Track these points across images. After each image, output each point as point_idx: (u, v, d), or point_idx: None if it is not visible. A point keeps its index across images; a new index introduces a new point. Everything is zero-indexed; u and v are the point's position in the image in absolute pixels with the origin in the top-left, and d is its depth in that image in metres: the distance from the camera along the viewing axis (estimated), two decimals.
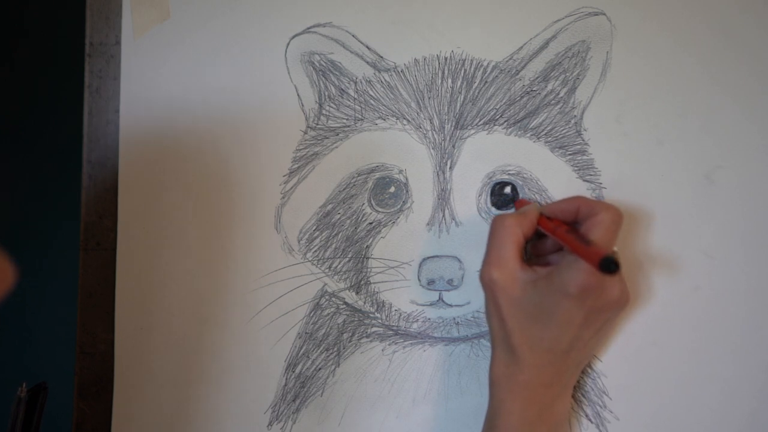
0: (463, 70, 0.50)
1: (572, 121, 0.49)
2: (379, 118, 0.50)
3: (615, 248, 0.44)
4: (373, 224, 0.50)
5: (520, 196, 0.49)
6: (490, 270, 0.43)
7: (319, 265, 0.51)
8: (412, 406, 0.50)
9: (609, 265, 0.37)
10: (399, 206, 0.50)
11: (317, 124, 0.51)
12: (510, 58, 0.50)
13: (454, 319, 0.49)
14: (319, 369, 0.50)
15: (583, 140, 0.49)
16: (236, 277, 0.51)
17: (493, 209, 0.49)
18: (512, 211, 0.48)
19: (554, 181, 0.49)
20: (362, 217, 0.50)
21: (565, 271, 0.41)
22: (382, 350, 0.50)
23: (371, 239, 0.50)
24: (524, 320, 0.42)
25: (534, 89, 0.49)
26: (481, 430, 0.45)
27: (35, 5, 0.95)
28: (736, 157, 0.48)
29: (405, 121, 0.50)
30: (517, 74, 0.50)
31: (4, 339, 0.96)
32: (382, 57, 0.51)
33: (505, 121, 0.49)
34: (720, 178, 0.48)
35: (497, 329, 0.43)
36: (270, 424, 0.50)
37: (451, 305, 0.49)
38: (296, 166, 0.51)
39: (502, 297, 0.42)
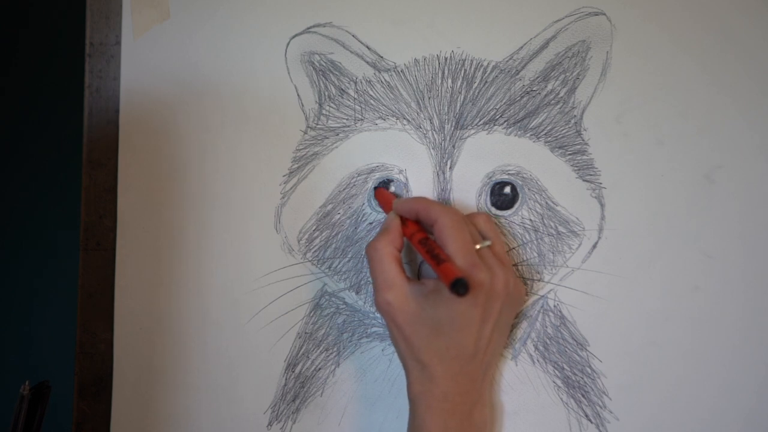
0: (463, 70, 0.50)
1: (572, 121, 0.49)
2: (379, 118, 0.50)
3: (488, 242, 0.44)
4: (373, 224, 0.50)
5: (520, 196, 0.49)
6: (383, 294, 0.44)
7: (319, 265, 0.51)
8: None
9: (458, 288, 0.39)
10: None
11: (317, 124, 0.51)
12: (510, 58, 0.50)
13: None
14: (319, 369, 0.51)
15: (583, 140, 0.49)
16: (236, 277, 0.51)
17: (493, 209, 0.49)
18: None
19: (554, 181, 0.49)
20: (362, 217, 0.50)
21: None
22: (382, 350, 0.50)
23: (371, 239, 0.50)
24: (427, 335, 0.43)
25: (534, 89, 0.49)
26: None
27: (35, 5, 0.95)
28: (736, 157, 0.48)
29: (405, 121, 0.50)
30: (517, 74, 0.50)
31: (5, 339, 0.96)
32: (382, 57, 0.51)
33: (505, 121, 0.49)
34: (720, 178, 0.48)
35: (405, 350, 0.44)
36: (270, 424, 0.50)
37: None
38: (296, 166, 0.51)
39: (400, 317, 0.43)
